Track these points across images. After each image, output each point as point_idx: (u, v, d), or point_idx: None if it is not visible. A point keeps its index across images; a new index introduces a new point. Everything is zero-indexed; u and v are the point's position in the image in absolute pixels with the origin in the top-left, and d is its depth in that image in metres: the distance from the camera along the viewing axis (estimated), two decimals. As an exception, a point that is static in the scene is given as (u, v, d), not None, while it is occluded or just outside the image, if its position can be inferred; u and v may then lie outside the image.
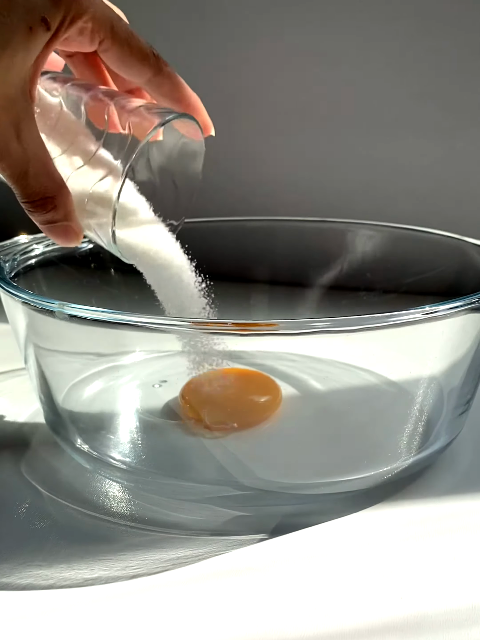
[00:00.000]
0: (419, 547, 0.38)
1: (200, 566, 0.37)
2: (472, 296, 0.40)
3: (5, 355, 0.59)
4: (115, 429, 0.46)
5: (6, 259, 0.49)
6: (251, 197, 0.86)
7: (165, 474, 0.42)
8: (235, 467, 0.42)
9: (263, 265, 0.64)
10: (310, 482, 0.41)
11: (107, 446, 0.45)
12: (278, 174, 0.85)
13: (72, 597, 0.35)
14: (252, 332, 0.39)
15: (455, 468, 0.46)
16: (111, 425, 0.46)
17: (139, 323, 0.38)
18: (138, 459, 0.43)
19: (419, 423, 0.44)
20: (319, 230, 0.64)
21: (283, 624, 0.33)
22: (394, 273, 0.60)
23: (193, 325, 0.37)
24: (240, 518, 0.41)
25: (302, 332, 0.38)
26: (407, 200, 0.81)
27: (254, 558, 0.38)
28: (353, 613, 0.34)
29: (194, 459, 0.43)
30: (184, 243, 0.48)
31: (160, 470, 0.42)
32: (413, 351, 0.48)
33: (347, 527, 0.40)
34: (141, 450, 0.44)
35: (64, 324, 0.41)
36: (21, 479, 0.45)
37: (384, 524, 0.40)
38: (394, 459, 0.43)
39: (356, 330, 0.38)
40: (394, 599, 0.35)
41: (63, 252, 0.55)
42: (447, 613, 0.34)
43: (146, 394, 0.49)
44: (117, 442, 0.45)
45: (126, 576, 0.36)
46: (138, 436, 0.45)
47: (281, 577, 0.36)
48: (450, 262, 0.55)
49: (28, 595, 0.35)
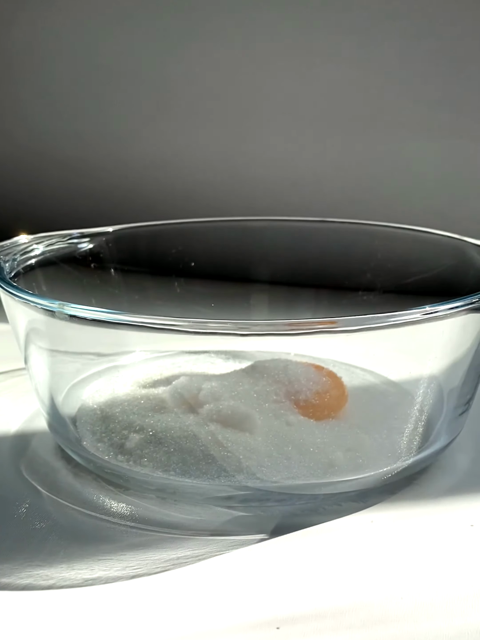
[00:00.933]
0: (419, 547, 0.38)
1: (200, 566, 0.37)
2: (472, 296, 0.40)
3: (5, 355, 0.59)
4: (115, 429, 0.46)
5: (6, 259, 0.49)
6: (251, 197, 0.86)
7: (166, 473, 0.42)
8: (235, 467, 0.42)
9: (263, 265, 0.64)
10: (310, 482, 0.41)
11: (107, 446, 0.45)
12: (278, 174, 0.85)
13: (72, 597, 0.35)
14: (252, 333, 0.39)
15: (455, 468, 0.46)
16: (111, 425, 0.46)
17: (139, 323, 0.38)
18: (138, 459, 0.43)
19: (418, 423, 0.44)
20: (319, 230, 0.64)
21: (283, 624, 0.33)
22: (394, 273, 0.60)
23: (193, 325, 0.37)
24: (240, 518, 0.41)
25: (302, 332, 0.38)
26: (408, 200, 0.81)
27: (254, 558, 0.38)
28: (353, 613, 0.34)
29: (194, 458, 0.43)
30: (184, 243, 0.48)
31: (161, 470, 0.42)
32: (413, 351, 0.48)
33: (347, 527, 0.40)
34: (141, 450, 0.44)
35: (64, 324, 0.41)
36: (21, 479, 0.45)
37: (384, 524, 0.40)
38: (394, 459, 0.43)
39: (356, 330, 0.38)
40: (394, 599, 0.35)
41: (63, 252, 0.55)
42: (448, 613, 0.34)
43: (146, 394, 0.49)
44: (117, 442, 0.45)
45: (126, 576, 0.36)
46: (138, 436, 0.45)
47: (281, 577, 0.36)
48: (450, 262, 0.55)
49: (28, 595, 0.35)
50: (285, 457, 0.42)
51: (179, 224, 0.63)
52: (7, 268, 0.48)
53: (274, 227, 0.65)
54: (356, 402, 0.49)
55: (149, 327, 0.38)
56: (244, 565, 0.37)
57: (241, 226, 0.65)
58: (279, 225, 0.65)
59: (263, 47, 0.83)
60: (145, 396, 0.48)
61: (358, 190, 0.82)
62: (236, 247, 0.64)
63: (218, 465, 0.42)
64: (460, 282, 0.52)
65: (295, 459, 0.42)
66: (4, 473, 0.46)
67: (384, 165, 0.81)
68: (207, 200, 0.85)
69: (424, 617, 0.34)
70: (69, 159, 0.93)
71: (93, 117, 0.93)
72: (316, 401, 0.46)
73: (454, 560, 0.37)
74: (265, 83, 0.84)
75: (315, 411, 0.46)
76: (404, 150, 0.80)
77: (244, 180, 0.86)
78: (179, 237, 0.62)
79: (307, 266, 0.63)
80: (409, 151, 0.80)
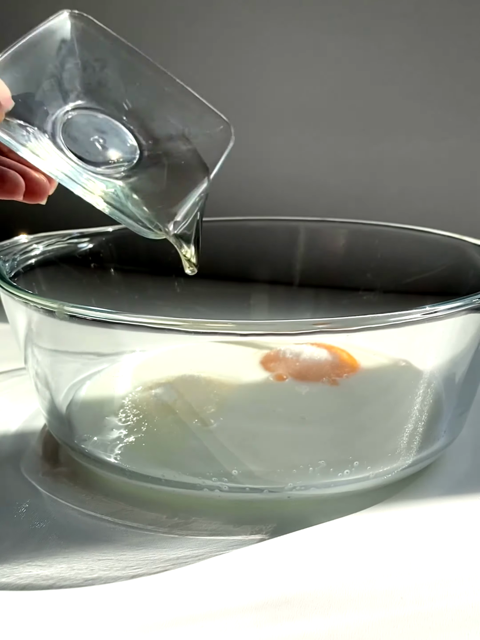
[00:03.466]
0: (419, 547, 0.38)
1: (200, 566, 0.37)
2: (472, 296, 0.40)
3: (5, 355, 0.59)
4: (115, 428, 0.46)
5: (6, 259, 0.49)
6: (251, 197, 0.86)
7: (166, 473, 0.42)
8: (235, 467, 0.42)
9: (263, 265, 0.64)
10: (310, 483, 0.41)
11: (107, 446, 0.45)
12: (278, 174, 0.85)
13: (72, 597, 0.35)
14: (251, 333, 0.39)
15: (455, 468, 0.46)
16: (111, 424, 0.46)
17: (139, 323, 0.38)
18: (138, 459, 0.43)
19: (419, 423, 0.44)
20: (319, 230, 0.64)
21: (283, 624, 0.33)
22: (394, 273, 0.60)
23: (193, 325, 0.37)
24: (240, 518, 0.41)
25: (302, 332, 0.38)
26: (407, 200, 0.81)
27: (254, 558, 0.38)
28: (353, 613, 0.34)
29: (194, 458, 0.43)
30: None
31: (161, 470, 0.42)
32: (413, 351, 0.48)
33: (347, 527, 0.40)
34: (141, 450, 0.44)
35: (64, 324, 0.41)
36: (21, 479, 0.45)
37: (384, 524, 0.40)
38: (394, 458, 0.43)
39: (356, 330, 0.38)
40: (394, 599, 0.35)
41: (63, 252, 0.55)
42: (448, 613, 0.34)
43: (146, 393, 0.49)
44: (117, 442, 0.45)
45: (126, 576, 0.36)
46: (138, 436, 0.45)
47: (281, 578, 0.36)
48: (450, 262, 0.55)
49: (28, 595, 0.35)
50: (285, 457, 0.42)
51: (178, 224, 0.62)
52: (7, 268, 0.48)
53: (274, 227, 0.65)
54: (356, 402, 0.49)
55: (149, 327, 0.38)
56: (244, 565, 0.37)
57: (241, 226, 0.65)
58: (279, 225, 0.65)
59: (263, 47, 0.83)
60: (145, 396, 0.48)
61: (358, 190, 0.83)
62: (236, 247, 0.64)
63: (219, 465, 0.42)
64: (460, 282, 0.52)
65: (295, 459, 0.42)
66: (4, 473, 0.46)
67: (384, 166, 0.81)
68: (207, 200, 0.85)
69: (424, 617, 0.34)
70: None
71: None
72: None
73: (453, 560, 0.37)
74: (265, 83, 0.84)
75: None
76: (404, 150, 0.80)
77: (244, 180, 0.86)
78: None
79: (307, 266, 0.63)
80: (409, 151, 0.80)
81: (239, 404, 0.48)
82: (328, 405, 0.48)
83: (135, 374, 0.53)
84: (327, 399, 0.48)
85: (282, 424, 0.45)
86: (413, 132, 0.79)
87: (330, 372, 0.50)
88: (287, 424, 0.45)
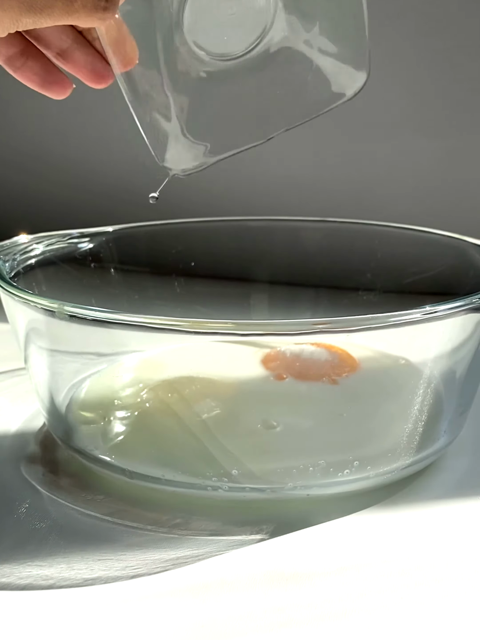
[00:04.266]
0: (419, 547, 0.38)
1: (200, 566, 0.37)
2: (472, 296, 0.40)
3: (5, 355, 0.59)
4: (115, 428, 0.46)
5: (6, 259, 0.49)
6: (251, 197, 0.86)
7: (166, 473, 0.42)
8: (235, 467, 0.42)
9: (263, 265, 0.64)
10: (310, 483, 0.41)
11: (107, 445, 0.45)
12: (278, 174, 0.85)
13: (72, 597, 0.35)
14: (251, 333, 0.39)
15: (455, 468, 0.46)
16: (111, 424, 0.46)
17: (139, 323, 0.38)
18: (138, 458, 0.43)
19: (419, 423, 0.44)
20: (319, 230, 0.64)
21: (283, 624, 0.33)
22: (394, 273, 0.60)
23: (193, 325, 0.37)
24: (240, 518, 0.41)
25: (302, 332, 0.38)
26: (407, 200, 0.81)
27: (254, 558, 0.38)
28: (353, 613, 0.34)
29: (195, 458, 0.43)
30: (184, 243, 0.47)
31: (161, 470, 0.42)
32: (413, 351, 0.48)
33: (347, 527, 0.40)
34: (141, 450, 0.44)
35: (64, 324, 0.41)
36: (21, 479, 0.45)
37: (384, 524, 0.40)
38: (394, 458, 0.43)
39: (356, 330, 0.38)
40: (394, 599, 0.35)
41: (63, 252, 0.55)
42: (448, 613, 0.34)
43: (146, 393, 0.49)
44: (117, 442, 0.45)
45: (126, 576, 0.36)
46: (138, 436, 0.45)
47: (281, 577, 0.36)
48: (450, 262, 0.55)
49: (28, 595, 0.35)
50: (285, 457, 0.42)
51: (179, 223, 0.63)
52: (7, 268, 0.48)
53: (274, 227, 0.65)
54: (356, 401, 0.49)
55: (149, 327, 0.38)
56: (244, 565, 0.37)
57: (241, 226, 0.65)
58: (279, 225, 0.65)
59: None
60: (144, 396, 0.48)
61: (358, 190, 0.82)
62: (236, 247, 0.64)
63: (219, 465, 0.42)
64: (460, 282, 0.52)
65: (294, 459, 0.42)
66: (4, 473, 0.46)
67: (384, 166, 0.81)
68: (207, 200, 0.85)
69: (423, 617, 0.34)
70: (69, 159, 0.93)
71: (94, 116, 0.93)
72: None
73: (454, 560, 0.37)
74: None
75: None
76: (404, 150, 0.80)
77: (244, 180, 0.86)
78: (179, 237, 0.62)
79: (307, 266, 0.63)
80: (409, 151, 0.80)
81: (239, 404, 0.48)
82: (328, 404, 0.48)
83: (135, 374, 0.53)
84: (327, 398, 0.48)
85: (282, 424, 0.45)
86: (413, 132, 0.79)
87: (330, 371, 0.50)
88: (287, 423, 0.45)
